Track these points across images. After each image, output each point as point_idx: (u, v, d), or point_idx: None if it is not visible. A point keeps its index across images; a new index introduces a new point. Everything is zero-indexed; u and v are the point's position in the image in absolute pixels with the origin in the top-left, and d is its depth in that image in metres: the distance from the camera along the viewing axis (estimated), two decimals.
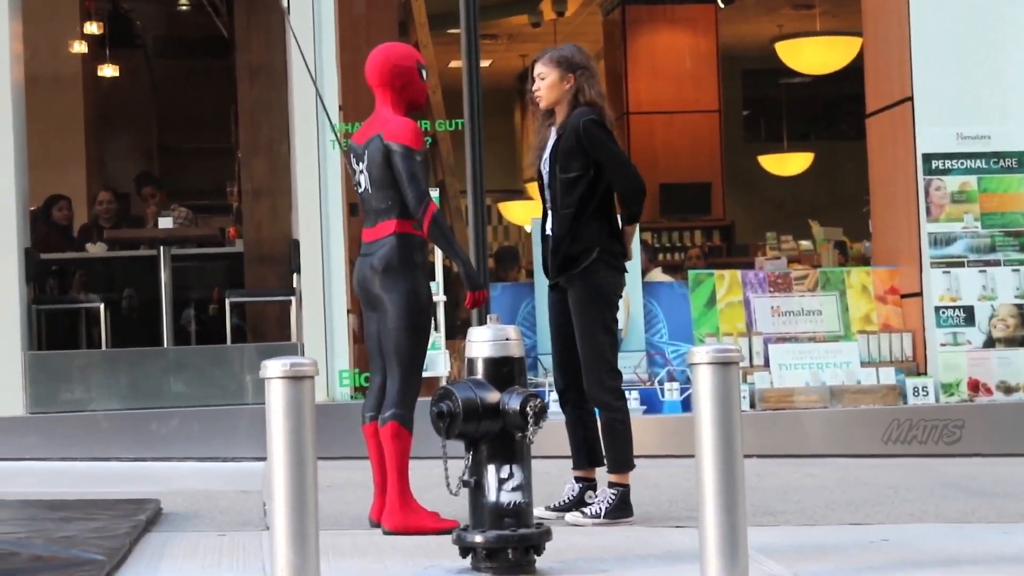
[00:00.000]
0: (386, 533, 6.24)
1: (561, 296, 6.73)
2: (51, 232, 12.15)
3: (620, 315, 6.91)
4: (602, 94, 6.77)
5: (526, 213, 18.65)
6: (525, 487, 5.34)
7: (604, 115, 6.71)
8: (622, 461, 6.63)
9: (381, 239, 6.40)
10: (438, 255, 9.59)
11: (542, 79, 6.75)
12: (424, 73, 6.60)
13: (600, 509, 6.57)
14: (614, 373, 6.68)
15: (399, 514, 6.25)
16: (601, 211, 6.67)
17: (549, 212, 6.75)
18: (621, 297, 6.78)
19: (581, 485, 6.75)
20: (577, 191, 6.62)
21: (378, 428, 6.33)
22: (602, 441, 6.68)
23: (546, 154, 6.76)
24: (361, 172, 6.49)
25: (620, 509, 6.58)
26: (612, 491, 6.59)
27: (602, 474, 6.72)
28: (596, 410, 6.73)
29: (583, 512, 6.61)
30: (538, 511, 6.23)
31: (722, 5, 16.62)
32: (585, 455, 6.76)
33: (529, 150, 7.03)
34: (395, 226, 6.37)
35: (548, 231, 6.77)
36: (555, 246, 6.68)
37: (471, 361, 5.41)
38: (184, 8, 17.61)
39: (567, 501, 6.74)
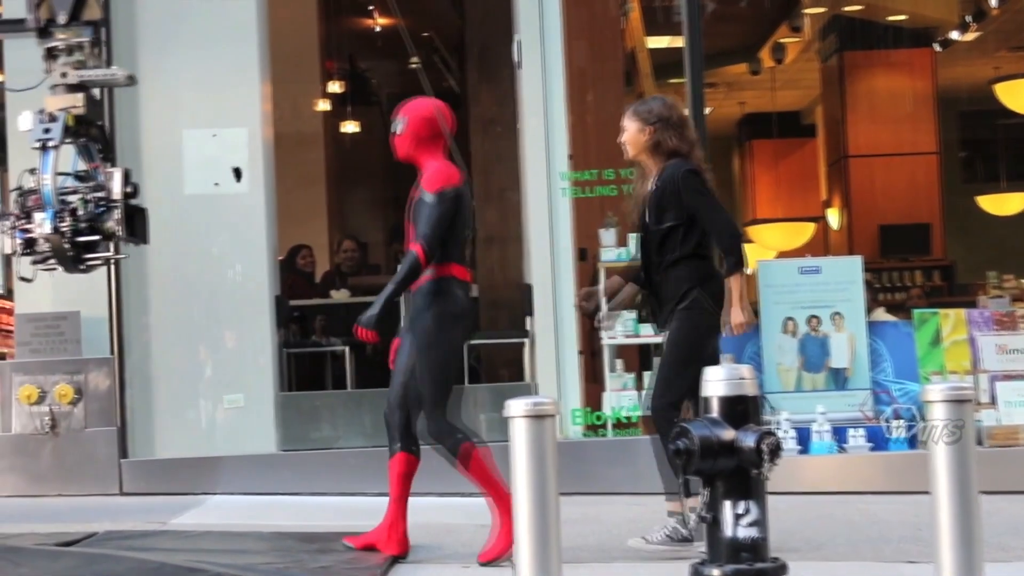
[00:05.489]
0: None
1: None
2: (296, 279, 12.44)
3: (845, 353, 6.88)
4: (691, 140, 6.67)
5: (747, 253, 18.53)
6: (761, 522, 5.27)
7: (698, 164, 6.65)
8: None
9: None
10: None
11: (624, 132, 6.75)
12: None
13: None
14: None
15: None
16: (696, 256, 6.59)
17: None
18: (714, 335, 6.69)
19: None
20: (671, 241, 6.56)
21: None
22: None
23: (645, 207, 6.71)
24: None
25: None
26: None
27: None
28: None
29: None
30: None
31: (938, 48, 16.36)
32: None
33: (634, 205, 6.94)
34: None
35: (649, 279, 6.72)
36: (658, 297, 6.64)
37: (706, 400, 5.38)
38: (416, 66, 17.94)
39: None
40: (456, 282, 6.46)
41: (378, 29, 16.82)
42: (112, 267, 9.27)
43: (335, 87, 16.35)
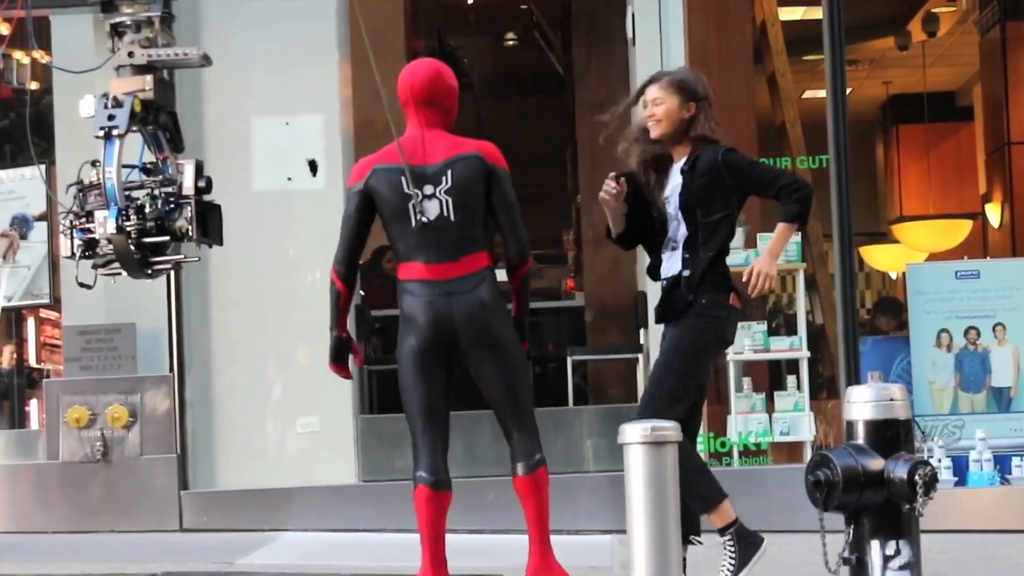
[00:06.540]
0: None
1: None
2: (382, 286, 12.49)
3: (1009, 370, 6.79)
4: (716, 128, 6.65)
5: (892, 259, 18.42)
6: (914, 566, 5.25)
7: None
8: None
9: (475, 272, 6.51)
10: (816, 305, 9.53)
11: (658, 104, 6.61)
12: None
13: None
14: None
15: None
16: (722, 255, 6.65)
17: (676, 254, 6.64)
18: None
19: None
20: (719, 234, 6.56)
21: (525, 478, 6.74)
22: None
23: (671, 195, 6.61)
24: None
25: None
26: None
27: None
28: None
29: None
30: None
31: None
32: None
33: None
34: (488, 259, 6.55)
35: (669, 273, 6.67)
36: (684, 287, 6.58)
37: (850, 424, 5.36)
38: (512, 43, 17.98)
39: None
40: (403, 285, 6.45)
41: (470, 2, 16.89)
42: (172, 273, 9.32)
43: None
